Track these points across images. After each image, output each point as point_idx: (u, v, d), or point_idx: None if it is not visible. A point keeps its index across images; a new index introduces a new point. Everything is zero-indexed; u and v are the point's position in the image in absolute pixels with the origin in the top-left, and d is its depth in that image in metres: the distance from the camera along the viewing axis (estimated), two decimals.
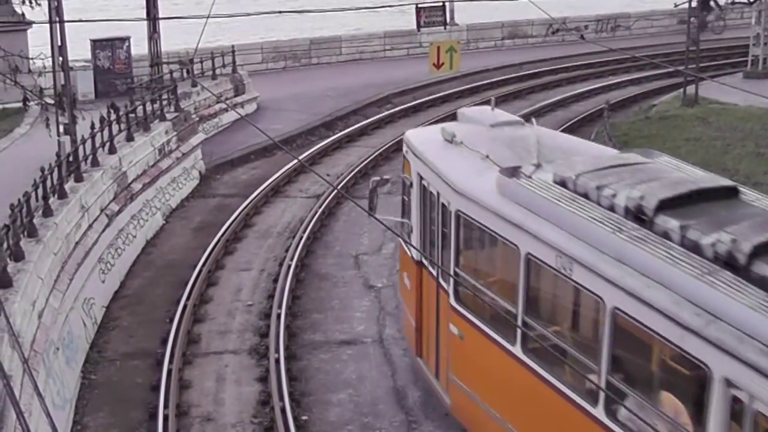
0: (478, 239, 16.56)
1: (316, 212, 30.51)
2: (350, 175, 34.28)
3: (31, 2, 27.16)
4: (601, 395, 13.12)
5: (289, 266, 26.43)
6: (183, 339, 22.81)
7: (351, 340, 22.96)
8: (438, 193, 17.60)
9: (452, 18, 55.38)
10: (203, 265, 26.91)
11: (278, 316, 23.59)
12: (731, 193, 13.90)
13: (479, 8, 53.35)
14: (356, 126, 40.96)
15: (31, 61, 27.21)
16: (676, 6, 52.74)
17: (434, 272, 18.04)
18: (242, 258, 28.13)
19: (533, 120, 19.39)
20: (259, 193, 32.78)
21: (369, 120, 41.63)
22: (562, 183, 14.90)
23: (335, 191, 31.35)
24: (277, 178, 34.20)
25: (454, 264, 17.05)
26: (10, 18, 38.30)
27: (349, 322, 23.87)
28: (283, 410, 19.53)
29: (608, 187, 14.02)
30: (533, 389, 14.71)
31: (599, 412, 13.23)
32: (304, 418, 19.68)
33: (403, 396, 20.30)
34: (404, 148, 19.69)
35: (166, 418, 19.63)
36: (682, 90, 41.33)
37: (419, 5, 26.87)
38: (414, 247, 18.92)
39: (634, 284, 12.50)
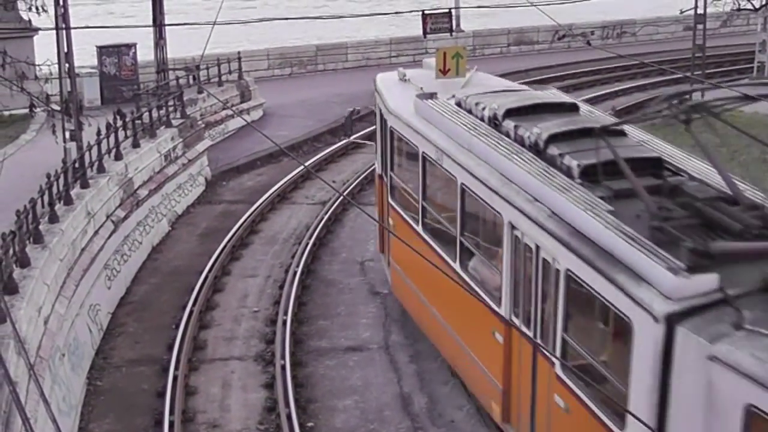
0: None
1: (322, 218, 30.51)
2: (356, 182, 34.28)
3: (37, 9, 27.27)
4: (458, 252, 18.43)
5: (295, 272, 26.43)
6: (189, 345, 22.81)
7: (357, 346, 22.94)
8: (383, 118, 22.62)
9: (458, 24, 55.45)
10: (209, 271, 26.91)
11: (284, 322, 23.58)
12: (572, 107, 18.69)
13: (485, 15, 53.43)
14: (362, 132, 40.93)
15: (37, 68, 27.22)
16: (681, 12, 52.69)
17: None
18: (248, 264, 28.12)
19: (475, 67, 23.47)
20: (265, 200, 32.79)
21: (375, 126, 41.61)
22: (458, 103, 19.65)
23: (341, 197, 31.34)
24: (283, 184, 34.21)
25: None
26: (16, 24, 38.38)
27: (355, 328, 23.86)
28: (289, 417, 19.53)
29: (482, 103, 18.68)
30: None
31: (457, 266, 18.45)
32: (310, 424, 19.67)
33: (409, 402, 20.29)
34: (374, 86, 24.10)
35: (171, 424, 19.63)
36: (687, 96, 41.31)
37: (426, 12, 26.86)
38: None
39: (473, 166, 17.33)
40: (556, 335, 14.61)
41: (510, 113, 17.83)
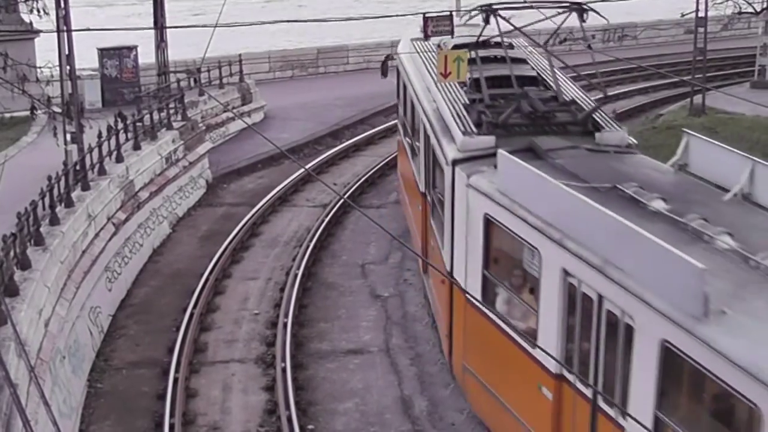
0: None
1: (323, 221, 30.50)
2: (357, 184, 34.28)
3: (39, 11, 27.23)
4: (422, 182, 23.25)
5: (296, 275, 26.41)
6: (189, 348, 22.81)
7: (357, 349, 22.94)
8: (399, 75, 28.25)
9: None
10: (210, 273, 26.90)
11: (285, 325, 23.57)
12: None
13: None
14: (363, 135, 40.97)
15: (38, 70, 27.22)
16: (682, 16, 52.71)
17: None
18: (249, 267, 28.12)
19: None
20: (266, 202, 32.79)
21: (376, 129, 41.64)
22: (438, 45, 24.08)
23: (342, 200, 31.34)
24: (284, 187, 34.21)
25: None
26: (18, 27, 38.37)
27: (356, 331, 23.85)
28: (289, 419, 19.53)
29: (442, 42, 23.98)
30: None
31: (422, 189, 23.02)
32: (311, 427, 19.66)
33: (410, 405, 20.28)
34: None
35: (172, 426, 19.62)
36: (689, 100, 41.31)
37: (427, 14, 26.82)
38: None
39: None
40: None
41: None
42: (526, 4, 20.96)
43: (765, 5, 46.00)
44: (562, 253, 14.52)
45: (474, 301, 17.75)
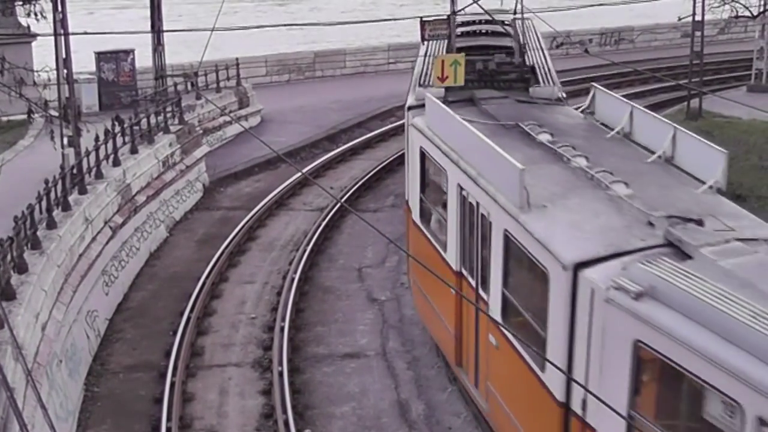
0: None
1: (320, 225, 30.51)
2: (354, 188, 34.29)
3: (36, 15, 27.26)
4: None
5: (293, 279, 26.42)
6: (186, 351, 22.81)
7: (354, 353, 22.95)
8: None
9: None
10: (207, 277, 26.90)
11: (282, 329, 23.58)
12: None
13: None
14: (360, 139, 41.00)
15: (35, 74, 27.22)
16: (679, 19, 52.71)
17: None
18: (246, 271, 28.13)
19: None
20: (262, 206, 32.79)
21: (373, 133, 41.67)
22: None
23: (339, 204, 31.35)
24: (281, 191, 34.21)
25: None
26: (15, 30, 38.38)
27: (353, 335, 23.86)
28: (286, 423, 19.53)
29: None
30: None
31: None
32: (308, 431, 19.66)
33: (407, 409, 20.29)
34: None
35: (169, 430, 19.63)
36: (685, 103, 41.36)
37: (423, 18, 26.84)
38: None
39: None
40: None
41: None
42: None
43: (761, 9, 46.05)
44: (457, 171, 17.97)
45: (416, 220, 21.39)
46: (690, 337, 11.34)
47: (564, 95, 22.47)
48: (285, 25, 28.78)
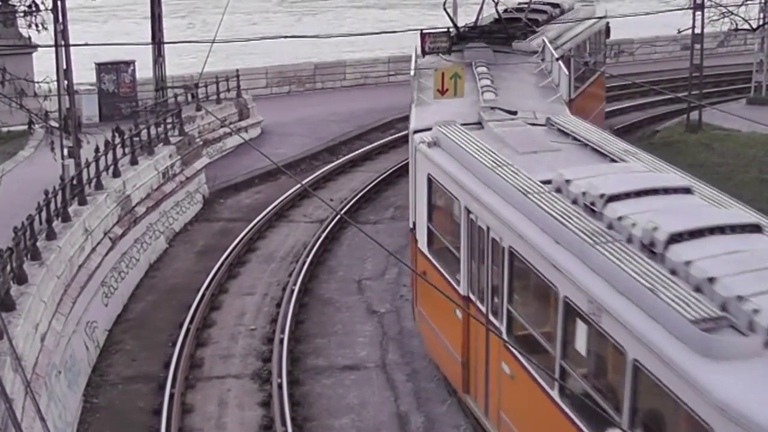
0: None
1: (320, 237, 30.50)
2: (354, 200, 34.29)
3: (37, 26, 27.29)
4: None
5: (293, 291, 26.41)
6: (185, 363, 22.80)
7: (354, 365, 22.93)
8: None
9: None
10: (206, 289, 26.89)
11: (281, 340, 23.57)
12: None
13: None
14: (360, 151, 40.99)
15: (36, 85, 27.23)
16: (679, 32, 52.78)
17: None
18: (245, 282, 28.12)
19: None
20: (262, 218, 32.79)
21: (373, 145, 41.66)
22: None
23: (339, 216, 31.35)
24: (280, 202, 34.20)
25: None
26: (16, 41, 38.39)
27: (352, 347, 23.85)
28: None
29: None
30: None
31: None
32: None
33: (406, 421, 20.27)
34: None
35: None
36: (685, 116, 41.38)
37: (424, 30, 26.91)
38: None
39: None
40: None
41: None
42: None
43: (761, 22, 46.09)
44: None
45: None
46: (450, 170, 18.33)
47: (542, 49, 27.51)
48: (284, 37, 28.78)
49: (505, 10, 32.43)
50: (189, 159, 34.71)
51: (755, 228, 13.38)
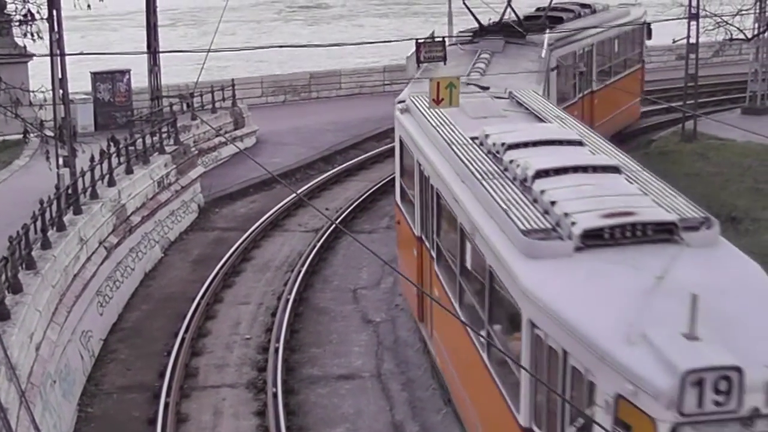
0: None
1: (315, 246, 30.50)
2: (349, 210, 34.29)
3: (32, 35, 27.29)
4: None
5: (288, 300, 26.40)
6: (181, 372, 22.77)
7: (349, 374, 22.91)
8: None
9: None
10: (201, 298, 26.88)
11: (276, 350, 23.55)
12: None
13: None
14: (355, 160, 40.98)
15: (31, 94, 27.23)
16: (674, 42, 52.84)
17: None
18: (241, 291, 28.10)
19: None
20: (257, 227, 32.77)
21: (368, 154, 41.63)
22: None
23: (334, 225, 31.35)
24: (276, 211, 34.20)
25: None
26: (11, 50, 38.38)
27: (347, 356, 23.83)
28: None
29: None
30: None
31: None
32: None
33: (402, 431, 20.25)
34: None
35: None
36: (680, 126, 41.41)
37: (419, 40, 26.96)
38: None
39: None
40: None
41: None
42: None
43: (756, 32, 46.13)
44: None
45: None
46: (411, 131, 21.70)
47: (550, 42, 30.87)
48: (279, 46, 28.87)
49: (537, 9, 36.90)
50: (184, 168, 34.70)
51: (614, 169, 16.18)
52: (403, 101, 23.48)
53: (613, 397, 11.48)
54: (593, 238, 13.74)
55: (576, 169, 15.93)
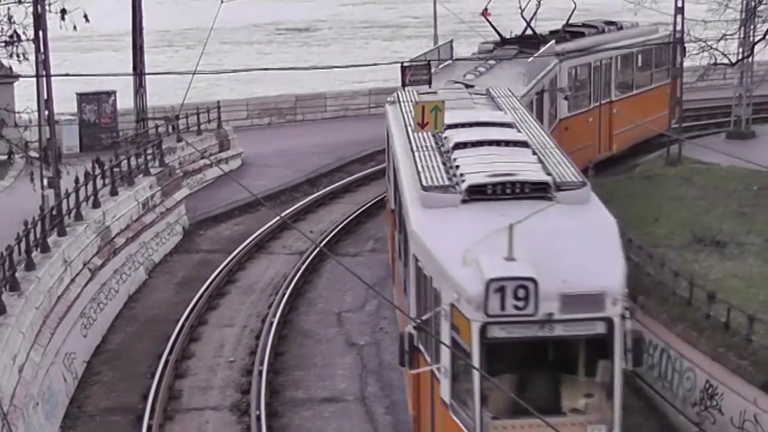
0: None
1: (300, 269, 30.49)
2: (334, 232, 34.28)
3: (18, 56, 27.25)
4: None
5: (272, 323, 26.38)
6: (164, 394, 22.72)
7: (333, 397, 22.89)
8: None
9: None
10: (185, 320, 26.84)
11: (260, 372, 23.52)
12: None
13: None
14: (340, 183, 40.98)
15: (17, 115, 27.21)
16: None
17: None
18: (225, 314, 28.06)
19: None
20: (242, 249, 32.75)
21: (353, 177, 41.65)
22: None
23: (318, 248, 31.34)
24: (260, 234, 34.17)
25: None
26: None
27: (332, 379, 23.80)
28: None
29: None
30: None
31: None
32: None
33: None
34: None
35: None
36: (665, 149, 41.52)
37: (404, 63, 27.05)
38: None
39: None
40: None
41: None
42: None
43: (740, 57, 46.36)
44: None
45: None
46: (391, 120, 25.13)
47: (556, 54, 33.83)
48: (265, 69, 28.95)
49: (566, 24, 39.25)
50: (169, 190, 34.67)
51: (523, 144, 19.62)
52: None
53: (448, 306, 14.98)
54: (477, 193, 17.00)
55: (491, 143, 19.37)
